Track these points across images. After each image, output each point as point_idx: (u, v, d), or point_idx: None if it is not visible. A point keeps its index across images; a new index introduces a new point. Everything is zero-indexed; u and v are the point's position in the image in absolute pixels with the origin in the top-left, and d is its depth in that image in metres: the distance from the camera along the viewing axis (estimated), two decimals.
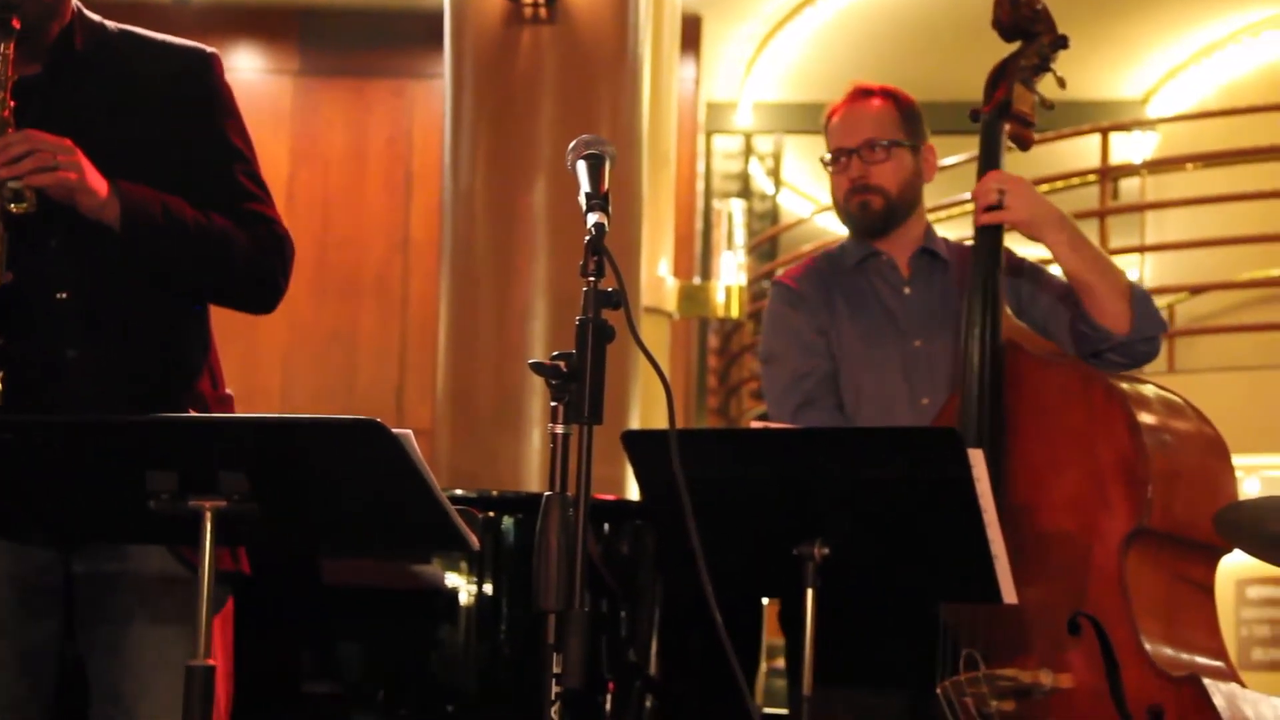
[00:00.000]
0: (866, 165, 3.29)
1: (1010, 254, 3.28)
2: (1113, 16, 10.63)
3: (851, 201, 3.31)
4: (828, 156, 3.34)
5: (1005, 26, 3.24)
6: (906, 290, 3.32)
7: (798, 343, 3.31)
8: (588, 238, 2.14)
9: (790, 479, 2.59)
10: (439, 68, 6.85)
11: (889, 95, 3.36)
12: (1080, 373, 3.01)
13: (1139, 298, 3.17)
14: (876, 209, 3.30)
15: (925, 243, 3.35)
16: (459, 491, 3.74)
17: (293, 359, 10.27)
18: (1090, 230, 8.83)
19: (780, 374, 3.30)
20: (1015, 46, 3.25)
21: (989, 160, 3.19)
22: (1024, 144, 3.25)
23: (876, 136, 3.30)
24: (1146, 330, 3.17)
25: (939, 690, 2.88)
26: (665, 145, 9.42)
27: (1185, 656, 2.87)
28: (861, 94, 3.37)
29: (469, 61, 6.50)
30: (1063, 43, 3.24)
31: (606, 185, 2.23)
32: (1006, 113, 3.21)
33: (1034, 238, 3.17)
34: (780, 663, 4.01)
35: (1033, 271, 3.33)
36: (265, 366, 9.99)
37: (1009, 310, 3.12)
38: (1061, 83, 3.26)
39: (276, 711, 3.52)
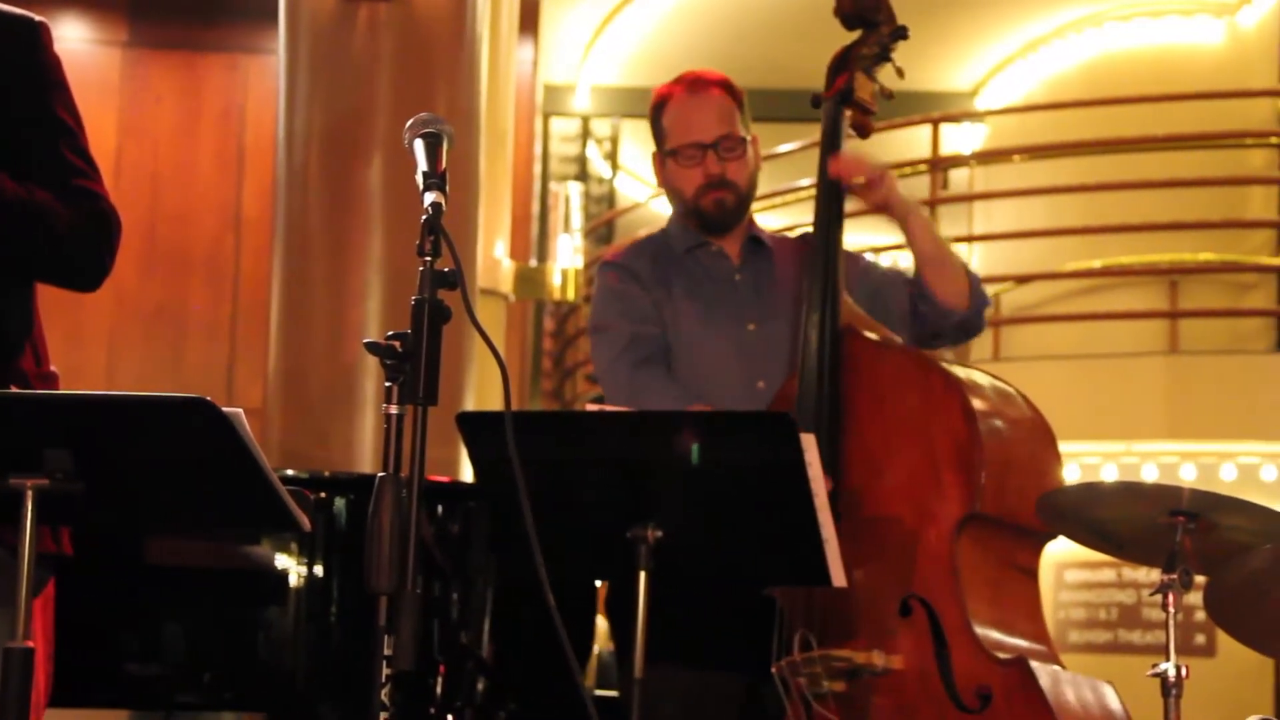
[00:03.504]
0: (724, 161, 3.27)
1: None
2: (944, 11, 10.80)
3: (706, 198, 3.28)
4: (672, 148, 3.28)
5: (847, 15, 3.28)
6: (737, 276, 3.33)
7: (633, 309, 3.28)
8: (424, 217, 2.13)
9: (624, 462, 2.60)
10: (273, 43, 6.74)
11: (725, 87, 3.33)
12: (917, 360, 3.05)
13: (972, 275, 3.31)
14: (730, 206, 3.29)
15: (752, 230, 3.37)
16: (290, 472, 3.70)
17: (119, 336, 10.05)
18: None
19: (615, 338, 3.26)
20: (856, 35, 3.29)
21: (830, 146, 3.22)
22: (864, 131, 3.28)
23: (731, 132, 3.27)
24: (981, 305, 3.30)
25: (774, 670, 2.91)
26: (503, 126, 9.38)
27: (1012, 639, 2.93)
28: (701, 84, 3.32)
29: (304, 37, 6.40)
30: (902, 33, 3.28)
31: (444, 164, 2.21)
32: (848, 100, 3.25)
33: (899, 218, 3.23)
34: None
35: (861, 260, 3.38)
36: (90, 343, 9.76)
37: (847, 296, 3.16)
38: (900, 73, 3.30)
39: (98, 694, 3.45)
